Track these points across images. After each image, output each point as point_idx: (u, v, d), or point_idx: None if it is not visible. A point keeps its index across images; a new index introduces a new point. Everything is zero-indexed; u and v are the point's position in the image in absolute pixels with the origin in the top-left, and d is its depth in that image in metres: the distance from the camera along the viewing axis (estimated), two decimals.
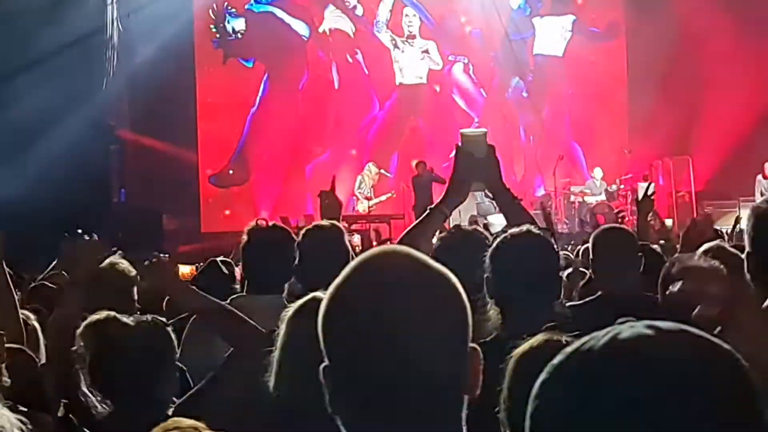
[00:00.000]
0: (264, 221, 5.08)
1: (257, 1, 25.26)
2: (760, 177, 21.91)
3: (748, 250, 3.24)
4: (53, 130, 19.44)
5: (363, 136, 25.07)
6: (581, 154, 25.55)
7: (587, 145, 25.47)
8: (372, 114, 25.50)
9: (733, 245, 5.15)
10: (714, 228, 8.21)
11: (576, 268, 6.43)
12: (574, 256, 8.19)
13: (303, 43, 25.33)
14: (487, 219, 8.58)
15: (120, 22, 22.56)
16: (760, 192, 21.29)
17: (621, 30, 25.87)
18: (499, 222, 10.26)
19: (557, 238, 4.43)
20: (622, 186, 23.46)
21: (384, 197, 23.50)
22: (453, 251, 4.05)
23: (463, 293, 1.84)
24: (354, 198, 23.90)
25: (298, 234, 5.00)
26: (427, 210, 4.18)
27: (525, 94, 26.00)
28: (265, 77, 25.04)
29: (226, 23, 25.03)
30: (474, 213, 20.19)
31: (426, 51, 25.74)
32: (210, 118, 24.50)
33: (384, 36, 25.67)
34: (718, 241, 5.18)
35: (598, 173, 23.89)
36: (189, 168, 23.97)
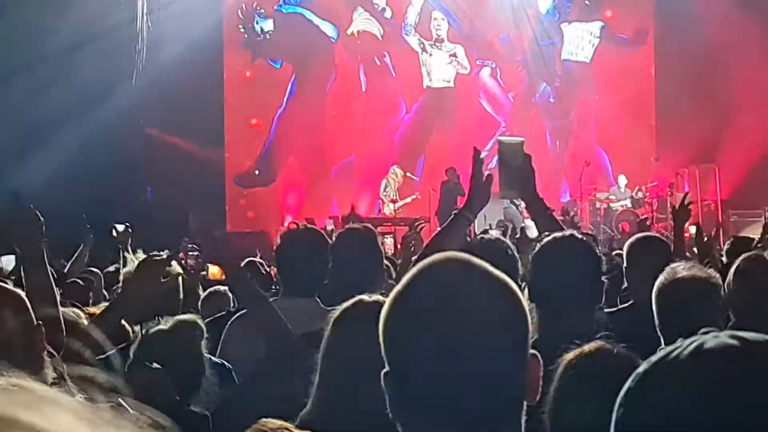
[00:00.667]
0: (295, 224, 5.10)
1: (286, 2, 25.28)
2: None
3: None
4: (81, 126, 19.52)
5: (389, 138, 25.07)
6: (607, 160, 25.47)
7: (613, 152, 25.39)
8: (399, 117, 25.49)
9: None
10: (749, 237, 8.19)
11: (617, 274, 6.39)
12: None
13: (331, 45, 25.35)
14: (525, 223, 8.58)
15: (149, 21, 22.63)
16: None
17: (650, 37, 25.77)
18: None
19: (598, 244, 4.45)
20: (647, 193, 23.37)
21: (409, 199, 23.46)
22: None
23: (524, 302, 1.87)
24: (380, 201, 23.90)
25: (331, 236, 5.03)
26: (452, 216, 4.23)
27: (552, 99, 25.95)
28: (293, 78, 25.06)
29: (254, 24, 25.05)
30: (501, 218, 20.18)
31: (454, 55, 25.72)
32: (237, 118, 24.53)
33: (412, 39, 25.67)
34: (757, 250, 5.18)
35: (622, 180, 23.82)
36: (215, 167, 23.97)
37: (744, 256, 4.99)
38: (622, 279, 5.99)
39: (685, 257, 6.06)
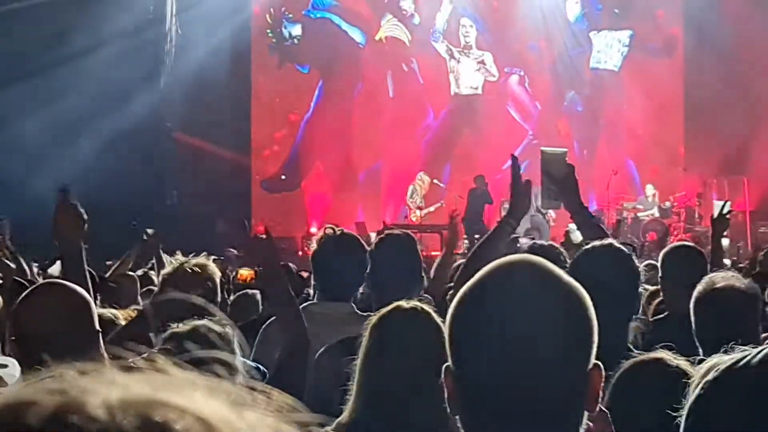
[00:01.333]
0: (332, 229, 5.09)
1: (314, 7, 25.29)
2: None
3: None
4: (108, 129, 19.58)
5: (416, 145, 25.02)
6: (635, 169, 25.37)
7: (641, 161, 25.29)
8: (426, 123, 25.47)
9: None
10: None
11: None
12: None
13: (359, 51, 25.35)
14: (569, 227, 8.61)
15: (178, 25, 22.69)
16: None
17: (679, 47, 25.67)
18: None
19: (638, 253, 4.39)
20: (675, 203, 23.29)
21: (433, 207, 23.42)
22: None
23: (592, 309, 1.90)
24: (406, 207, 23.87)
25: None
26: (496, 223, 4.31)
27: (580, 108, 25.87)
28: (320, 83, 25.06)
29: (282, 28, 25.08)
30: (528, 226, 20.13)
31: (482, 62, 25.67)
32: (264, 122, 24.55)
33: (440, 45, 25.64)
34: None
35: (650, 190, 23.72)
36: (241, 172, 24.02)
37: None
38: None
39: (723, 266, 6.01)
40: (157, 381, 0.87)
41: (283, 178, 24.78)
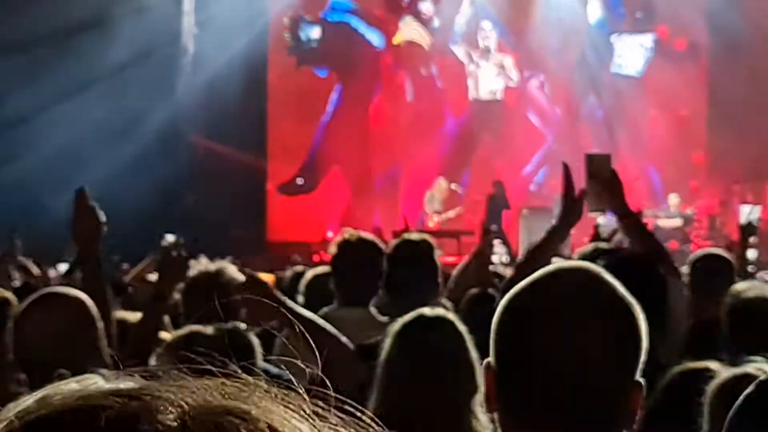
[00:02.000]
0: (350, 234, 5.10)
1: (332, 10, 25.27)
2: None
3: None
4: (126, 134, 19.62)
5: (434, 150, 24.89)
6: (656, 176, 25.18)
7: (662, 168, 25.10)
8: (444, 128, 25.36)
9: None
10: None
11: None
12: None
13: (377, 54, 25.29)
14: (598, 221, 8.68)
15: (196, 26, 22.69)
16: None
17: (703, 52, 25.47)
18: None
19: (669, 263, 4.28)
20: (696, 211, 23.13)
21: (452, 213, 23.28)
22: None
23: (643, 323, 1.85)
24: (423, 213, 23.73)
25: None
26: (547, 230, 4.29)
27: (600, 113, 25.69)
28: (338, 87, 25.05)
29: (300, 31, 25.05)
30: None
31: (501, 66, 25.53)
32: (281, 126, 24.53)
33: (459, 49, 25.51)
34: None
35: (671, 197, 23.49)
36: (257, 175, 24.07)
37: None
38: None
39: (748, 273, 6.01)
40: (229, 388, 0.86)
41: (300, 182, 24.75)
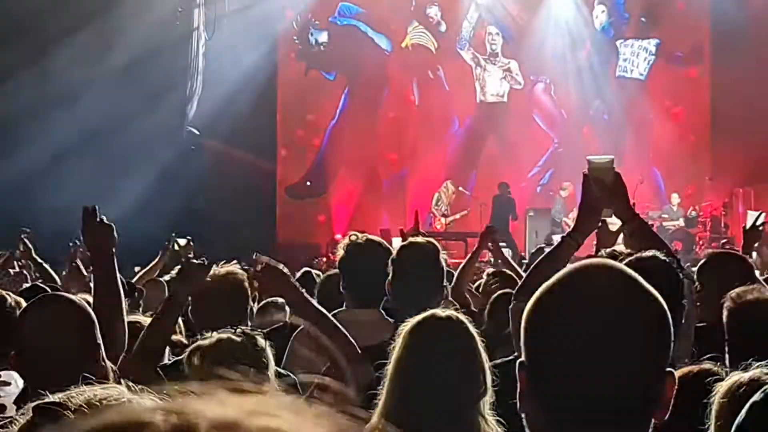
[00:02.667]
0: (356, 235, 5.09)
1: (341, 15, 25.32)
2: None
3: None
4: (135, 134, 19.65)
5: (441, 152, 24.98)
6: (660, 178, 25.24)
7: (667, 170, 25.15)
8: (451, 131, 25.44)
9: None
10: None
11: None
12: None
13: (385, 58, 25.36)
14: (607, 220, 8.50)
15: (206, 30, 22.76)
16: None
17: (705, 55, 25.55)
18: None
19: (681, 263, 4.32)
20: (701, 213, 23.18)
21: (459, 215, 23.41)
22: None
23: (670, 318, 1.91)
24: (431, 215, 23.84)
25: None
26: (560, 238, 4.28)
27: (606, 116, 25.77)
28: (346, 90, 25.10)
29: (309, 35, 25.12)
30: (549, 232, 20.16)
31: (508, 69, 25.64)
32: (289, 129, 24.61)
33: (466, 53, 25.63)
34: None
35: (675, 199, 23.60)
36: (266, 178, 24.05)
37: None
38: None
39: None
40: (267, 403, 0.88)
41: (309, 184, 24.81)
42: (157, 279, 9.17)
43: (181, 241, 10.19)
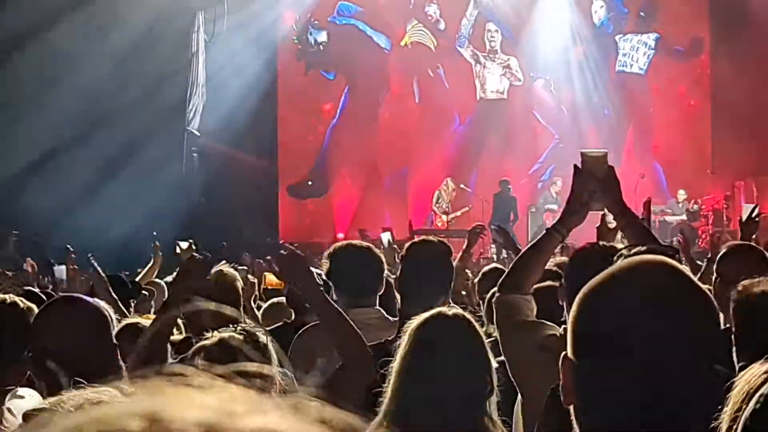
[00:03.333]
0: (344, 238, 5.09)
1: (340, 14, 25.33)
2: None
3: None
4: (136, 134, 19.66)
5: (442, 150, 24.99)
6: (662, 173, 25.25)
7: (668, 165, 25.16)
8: (452, 129, 25.45)
9: None
10: None
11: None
12: None
13: (384, 57, 25.37)
14: (606, 212, 8.43)
15: (205, 31, 22.76)
16: None
17: (705, 48, 25.57)
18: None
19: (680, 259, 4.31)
20: (703, 206, 23.17)
21: (460, 212, 23.42)
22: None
23: (720, 316, 1.90)
24: (432, 213, 23.86)
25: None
26: (543, 231, 4.21)
27: (606, 111, 25.78)
28: (346, 89, 25.11)
29: (308, 35, 25.13)
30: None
31: (507, 66, 25.66)
32: (290, 128, 24.61)
33: (466, 51, 25.64)
34: None
35: (681, 195, 23.52)
36: (268, 177, 24.05)
37: None
38: None
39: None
40: (249, 402, 0.85)
41: (310, 183, 24.82)
42: (157, 281, 9.16)
43: (183, 245, 10.19)
